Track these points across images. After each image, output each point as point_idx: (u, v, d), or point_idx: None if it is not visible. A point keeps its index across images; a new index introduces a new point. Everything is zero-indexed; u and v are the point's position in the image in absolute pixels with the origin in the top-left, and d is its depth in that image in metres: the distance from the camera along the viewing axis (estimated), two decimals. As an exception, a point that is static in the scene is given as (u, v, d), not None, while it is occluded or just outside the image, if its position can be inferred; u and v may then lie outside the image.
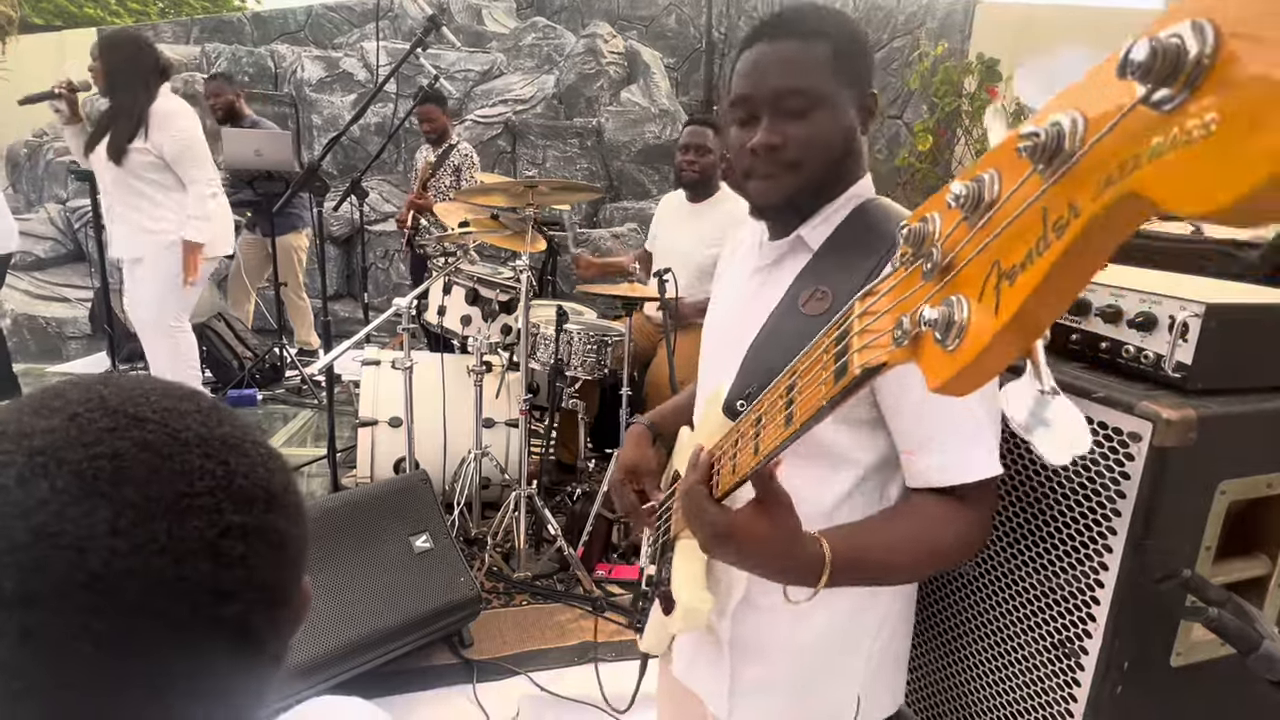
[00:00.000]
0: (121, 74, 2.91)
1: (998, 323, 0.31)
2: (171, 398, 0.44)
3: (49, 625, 0.36)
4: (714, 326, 1.05)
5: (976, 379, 0.34)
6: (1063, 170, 0.29)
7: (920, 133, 4.84)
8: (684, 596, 0.88)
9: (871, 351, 0.42)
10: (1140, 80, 0.25)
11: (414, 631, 2.03)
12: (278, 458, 0.47)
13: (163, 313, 3.19)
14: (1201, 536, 0.87)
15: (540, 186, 2.47)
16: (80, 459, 0.38)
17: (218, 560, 0.40)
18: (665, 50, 7.20)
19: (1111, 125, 0.27)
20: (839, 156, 0.89)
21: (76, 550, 0.37)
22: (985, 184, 0.33)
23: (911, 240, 0.38)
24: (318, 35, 8.03)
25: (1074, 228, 0.28)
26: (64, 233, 6.14)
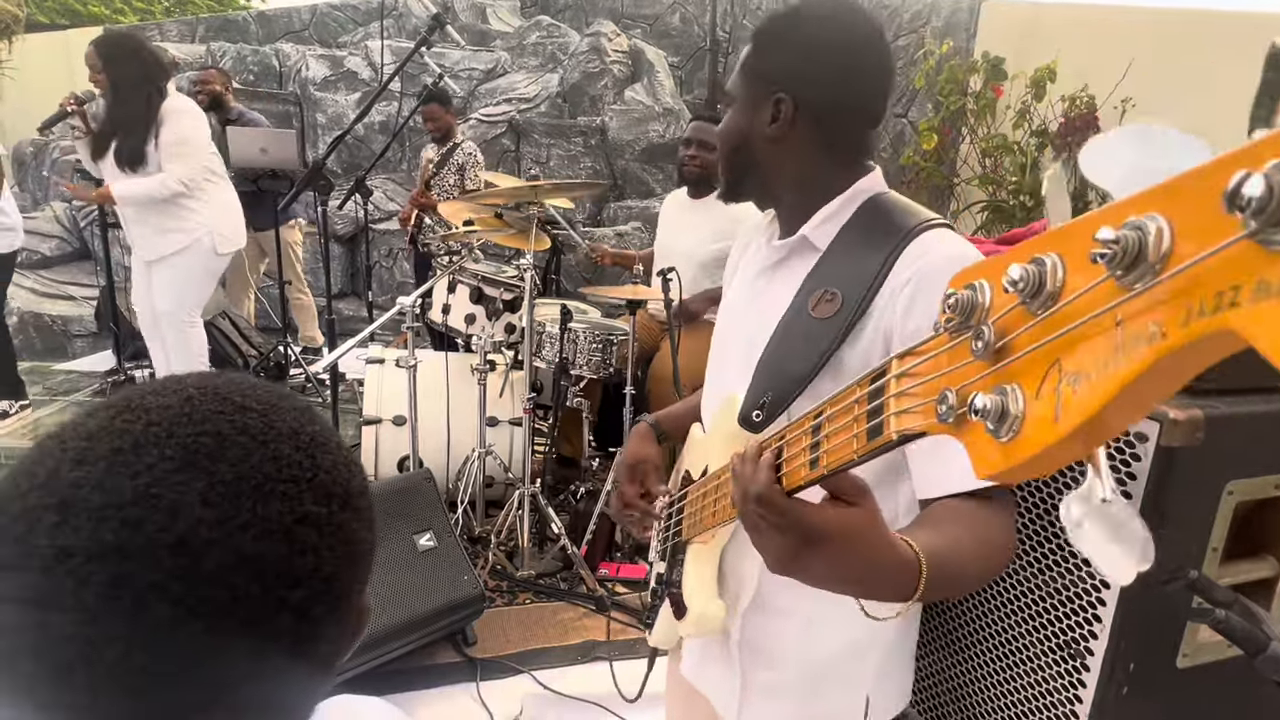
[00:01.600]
0: (128, 80, 2.88)
1: (1060, 429, 0.30)
2: (274, 394, 0.49)
3: (135, 578, 0.39)
4: (724, 328, 1.05)
5: (1028, 474, 0.32)
6: (1145, 285, 0.27)
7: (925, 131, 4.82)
8: (696, 603, 0.87)
9: (912, 418, 0.41)
10: (1252, 218, 0.23)
11: (418, 630, 2.03)
12: (358, 465, 0.51)
13: (181, 306, 3.22)
14: (1208, 537, 0.87)
15: (544, 186, 2.47)
16: (188, 434, 0.43)
17: (291, 545, 0.44)
18: (669, 49, 7.20)
19: (1209, 253, 0.25)
20: (739, 152, 0.94)
21: (169, 513, 0.40)
22: (1048, 271, 0.31)
23: (959, 309, 0.36)
24: (322, 34, 8.04)
25: (1154, 351, 0.26)
26: (70, 231, 6.16)
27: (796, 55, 0.88)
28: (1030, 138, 4.31)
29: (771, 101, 0.88)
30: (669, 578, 0.98)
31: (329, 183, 2.97)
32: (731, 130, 0.94)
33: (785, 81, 0.87)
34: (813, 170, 0.90)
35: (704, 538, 0.89)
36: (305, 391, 4.31)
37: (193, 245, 3.12)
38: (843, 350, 0.81)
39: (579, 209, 5.81)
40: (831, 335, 0.81)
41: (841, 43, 0.87)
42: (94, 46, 2.91)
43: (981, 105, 4.64)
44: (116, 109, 2.92)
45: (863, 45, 0.88)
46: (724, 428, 0.89)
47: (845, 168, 0.90)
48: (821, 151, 0.90)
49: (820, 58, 0.87)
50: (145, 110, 2.89)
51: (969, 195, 4.88)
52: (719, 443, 0.89)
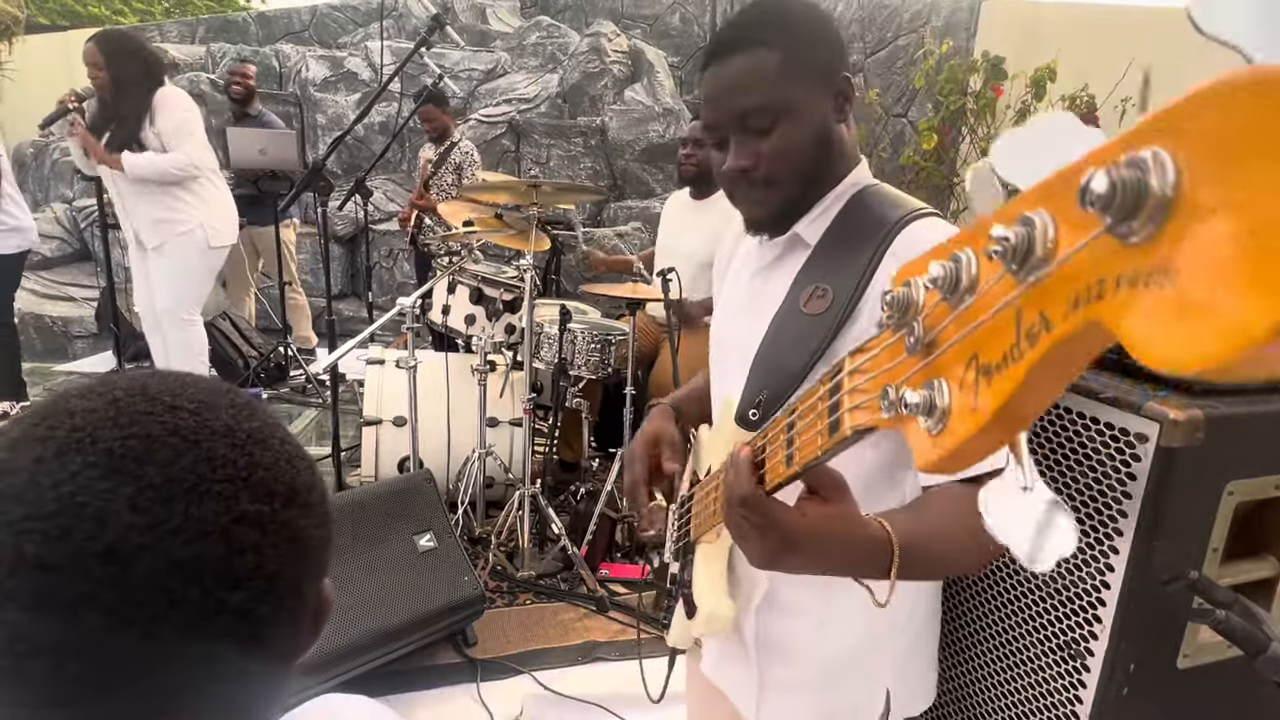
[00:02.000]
0: (131, 78, 2.93)
1: (978, 420, 0.31)
2: (208, 391, 0.46)
3: (62, 591, 0.38)
4: (720, 331, 1.05)
5: (960, 465, 0.33)
6: (1032, 280, 0.28)
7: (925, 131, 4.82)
8: (706, 602, 0.87)
9: (862, 413, 0.42)
10: (1102, 212, 0.24)
11: (418, 630, 2.03)
12: (306, 459, 0.49)
13: (180, 303, 3.25)
14: (1209, 538, 0.87)
15: (544, 186, 2.47)
16: (114, 438, 0.41)
17: (229, 545, 0.42)
18: (669, 49, 7.20)
19: (1075, 249, 0.26)
20: (815, 159, 0.86)
21: (96, 522, 0.39)
22: (962, 266, 0.32)
23: (895, 306, 0.37)
24: (322, 35, 8.04)
25: (1044, 341, 0.27)
26: (70, 232, 6.16)
27: (823, 42, 0.87)
28: (1030, 137, 4.30)
29: (833, 88, 0.86)
30: (681, 577, 0.98)
31: (329, 184, 2.97)
32: (807, 142, 0.85)
33: (836, 62, 0.86)
34: (840, 150, 0.89)
35: (710, 537, 0.89)
36: (305, 392, 4.31)
37: (185, 236, 3.14)
38: (835, 346, 0.81)
39: (579, 209, 5.81)
40: (823, 332, 0.81)
41: (822, 12, 0.89)
42: (95, 44, 2.92)
43: (981, 105, 4.64)
44: (118, 105, 2.95)
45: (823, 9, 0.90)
46: (724, 427, 0.89)
47: (848, 155, 0.90)
48: (845, 127, 0.90)
49: (832, 30, 0.88)
50: (141, 104, 2.96)
51: (969, 195, 4.87)
52: (721, 442, 0.89)
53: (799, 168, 0.85)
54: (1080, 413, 0.89)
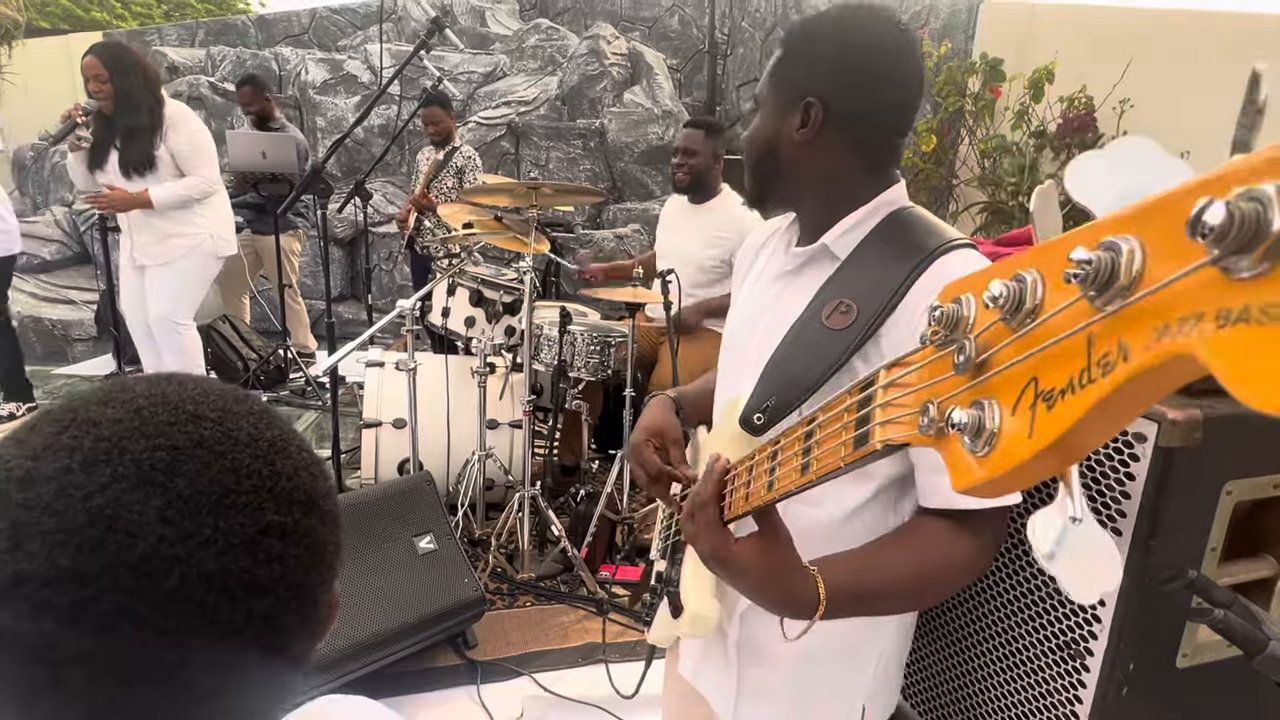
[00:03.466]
0: (136, 89, 2.94)
1: (1033, 446, 0.30)
2: (228, 399, 0.47)
3: (96, 603, 0.38)
4: (735, 330, 1.04)
5: (1003, 490, 0.33)
6: (1115, 308, 0.27)
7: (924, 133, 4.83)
8: (692, 604, 0.87)
9: (896, 428, 0.41)
10: (1214, 245, 0.23)
11: (418, 633, 2.03)
12: (320, 465, 0.50)
13: (177, 309, 3.26)
14: (1207, 537, 0.87)
15: (543, 188, 2.47)
16: (141, 449, 0.41)
17: (256, 556, 0.43)
18: (668, 51, 7.20)
19: (1173, 279, 0.25)
20: (761, 159, 0.93)
21: (128, 534, 0.39)
22: (1028, 287, 0.31)
23: (944, 322, 0.36)
24: (321, 38, 8.05)
25: (1122, 372, 0.26)
26: (70, 235, 6.17)
27: (827, 60, 0.87)
28: (1029, 139, 4.31)
29: (801, 106, 0.87)
30: (668, 576, 0.98)
31: (328, 186, 2.98)
32: (759, 135, 0.93)
33: (815, 86, 0.87)
34: (838, 177, 0.90)
35: None
36: (305, 395, 4.31)
37: (195, 249, 3.18)
38: (853, 362, 0.80)
39: (578, 211, 5.82)
40: (843, 346, 0.80)
41: (872, 49, 0.87)
42: (95, 56, 2.91)
43: (980, 106, 4.65)
44: (124, 118, 2.95)
45: (894, 53, 0.87)
46: (727, 428, 0.89)
47: (871, 177, 0.90)
48: (848, 158, 0.89)
49: (851, 64, 0.87)
50: (150, 118, 2.96)
51: (968, 196, 4.88)
52: (722, 443, 0.89)
53: (748, 157, 0.95)
54: (1079, 413, 0.89)
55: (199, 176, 3.09)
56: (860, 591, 0.75)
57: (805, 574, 0.72)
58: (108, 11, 10.94)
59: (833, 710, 0.93)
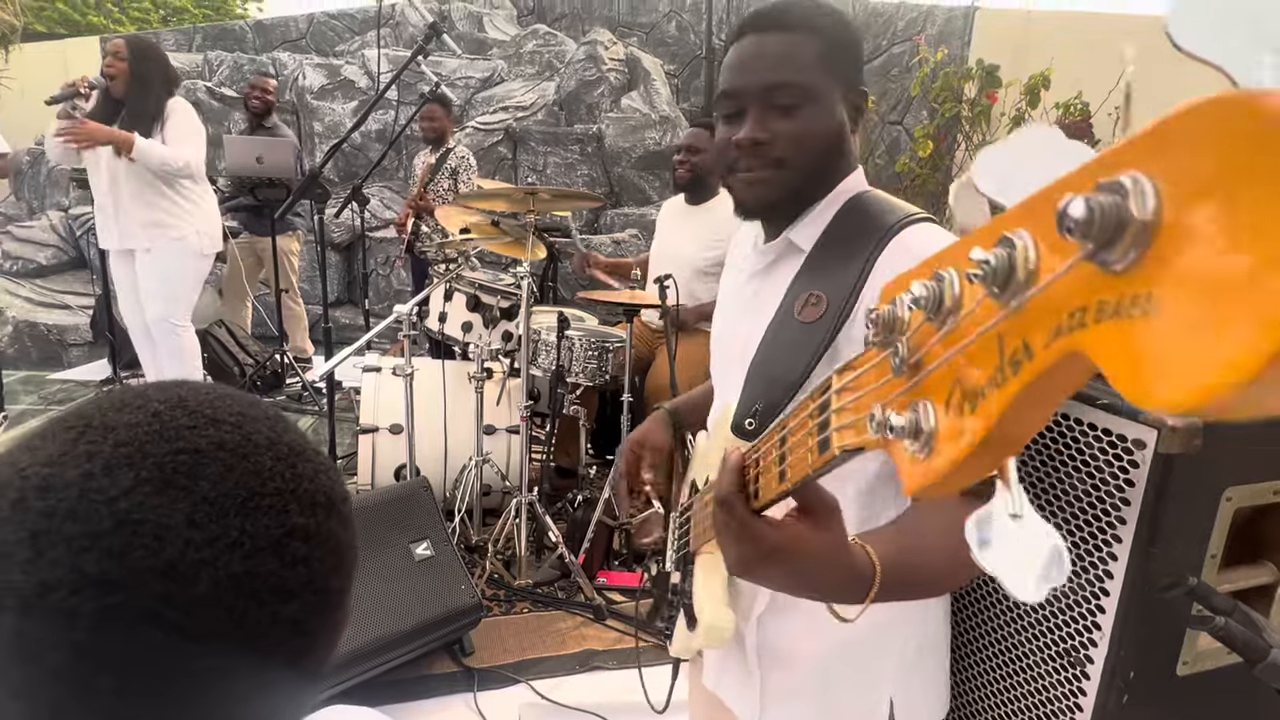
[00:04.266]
0: (151, 79, 3.05)
1: (965, 445, 0.30)
2: (243, 404, 0.47)
3: (124, 608, 0.38)
4: (719, 335, 1.04)
5: (950, 489, 0.32)
6: (1014, 305, 0.27)
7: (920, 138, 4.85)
8: (706, 615, 0.87)
9: (851, 433, 0.41)
10: (1081, 239, 0.23)
11: (415, 639, 2.02)
12: (336, 469, 0.50)
13: (173, 311, 3.27)
14: (1207, 544, 0.86)
15: (541, 193, 2.47)
16: (163, 453, 0.41)
17: (283, 559, 0.42)
18: (666, 57, 7.22)
19: (1055, 275, 0.25)
20: (827, 155, 0.87)
21: (155, 538, 0.38)
22: (945, 286, 0.31)
23: (881, 325, 0.36)
24: (319, 43, 8.06)
25: (1028, 370, 0.26)
26: (66, 240, 6.15)
27: (856, 49, 0.89)
28: (1025, 144, 4.33)
29: (853, 97, 0.88)
30: (681, 588, 0.98)
31: (325, 191, 2.98)
32: (824, 130, 0.85)
33: (858, 76, 0.89)
34: (838, 168, 0.90)
35: (710, 547, 0.89)
36: (301, 400, 4.30)
37: (180, 244, 3.19)
38: (830, 354, 0.80)
39: (576, 216, 5.82)
40: (818, 339, 0.80)
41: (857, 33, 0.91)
42: (124, 41, 3.08)
43: (976, 112, 4.67)
44: (136, 102, 3.05)
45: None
46: (721, 436, 0.89)
47: (849, 165, 0.91)
48: (851, 146, 0.91)
49: (859, 49, 0.90)
50: (155, 107, 3.07)
51: (965, 202, 4.89)
52: (718, 451, 0.89)
53: (809, 156, 0.85)
54: (1077, 419, 0.89)
55: (183, 150, 3.12)
56: (906, 566, 0.68)
57: (856, 548, 0.65)
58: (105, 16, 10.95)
59: (858, 704, 0.91)
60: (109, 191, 3.12)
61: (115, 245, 3.22)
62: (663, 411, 1.15)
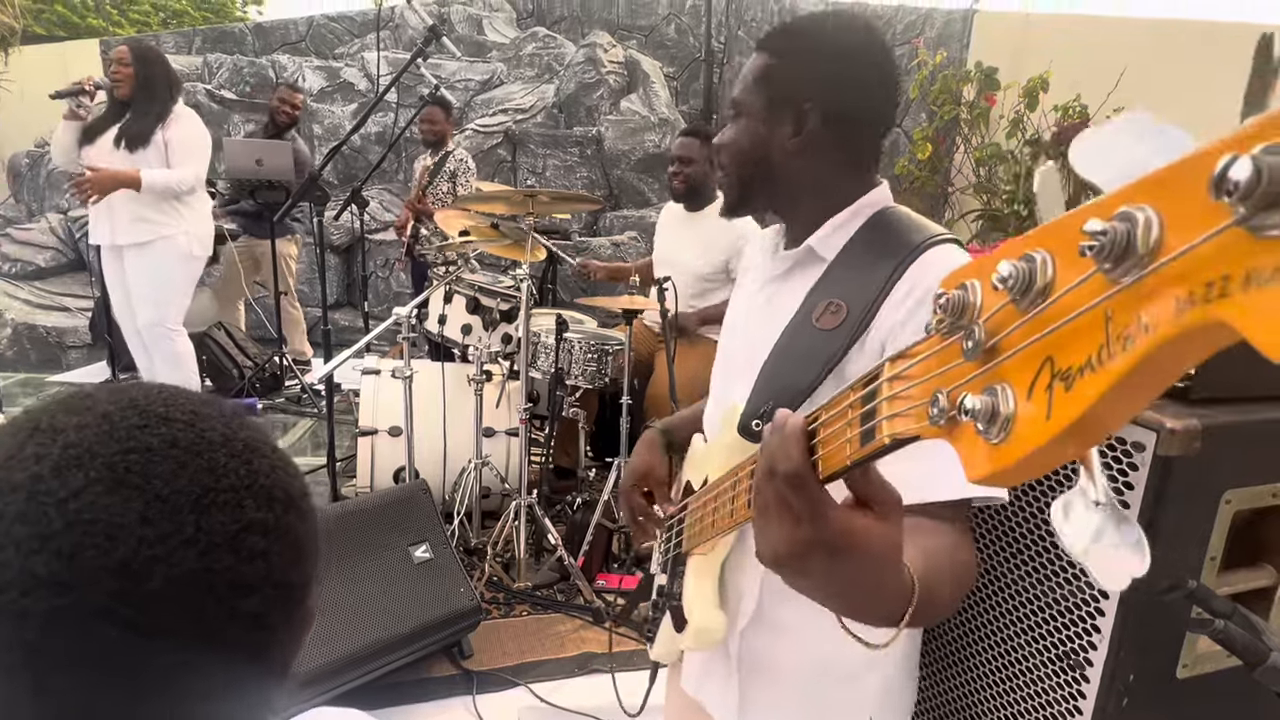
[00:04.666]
0: (154, 81, 3.11)
1: (1051, 428, 0.29)
2: (195, 402, 0.47)
3: (77, 608, 0.38)
4: (729, 338, 1.04)
5: (1021, 477, 0.31)
6: (1133, 279, 0.26)
7: (919, 141, 4.85)
8: (696, 616, 0.86)
9: (903, 421, 0.40)
10: (1239, 203, 0.22)
11: (413, 642, 2.02)
12: (293, 465, 0.50)
13: (165, 315, 3.27)
14: (1206, 547, 0.86)
15: (540, 196, 2.48)
16: (113, 453, 0.41)
17: (239, 554, 0.42)
18: (665, 59, 7.23)
19: (1197, 242, 0.24)
20: (748, 166, 0.93)
21: (107, 537, 0.39)
22: (1037, 267, 0.30)
23: (949, 309, 0.35)
24: (319, 45, 8.07)
25: (1144, 344, 0.25)
26: (65, 242, 6.15)
27: (820, 64, 0.88)
28: (1024, 147, 4.33)
29: (795, 112, 0.88)
30: (669, 590, 0.97)
31: (325, 193, 2.98)
32: (747, 143, 0.92)
33: (810, 91, 0.87)
34: (830, 180, 0.91)
35: (704, 549, 0.89)
36: (300, 403, 4.30)
37: (170, 244, 3.20)
38: (846, 362, 0.81)
39: (575, 219, 5.82)
40: (835, 346, 0.81)
41: (858, 50, 0.89)
42: (128, 47, 3.14)
43: (975, 115, 4.67)
44: (142, 105, 3.10)
45: (877, 52, 0.89)
46: (724, 438, 0.89)
47: (858, 178, 0.91)
48: (838, 160, 0.90)
49: (838, 66, 0.88)
50: (160, 109, 3.12)
51: (964, 204, 4.90)
52: (719, 453, 0.89)
53: (734, 165, 0.94)
54: (1077, 422, 0.89)
55: (188, 170, 3.16)
56: (928, 587, 0.59)
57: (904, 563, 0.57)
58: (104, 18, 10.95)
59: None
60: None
61: (107, 240, 3.22)
62: (654, 432, 1.15)
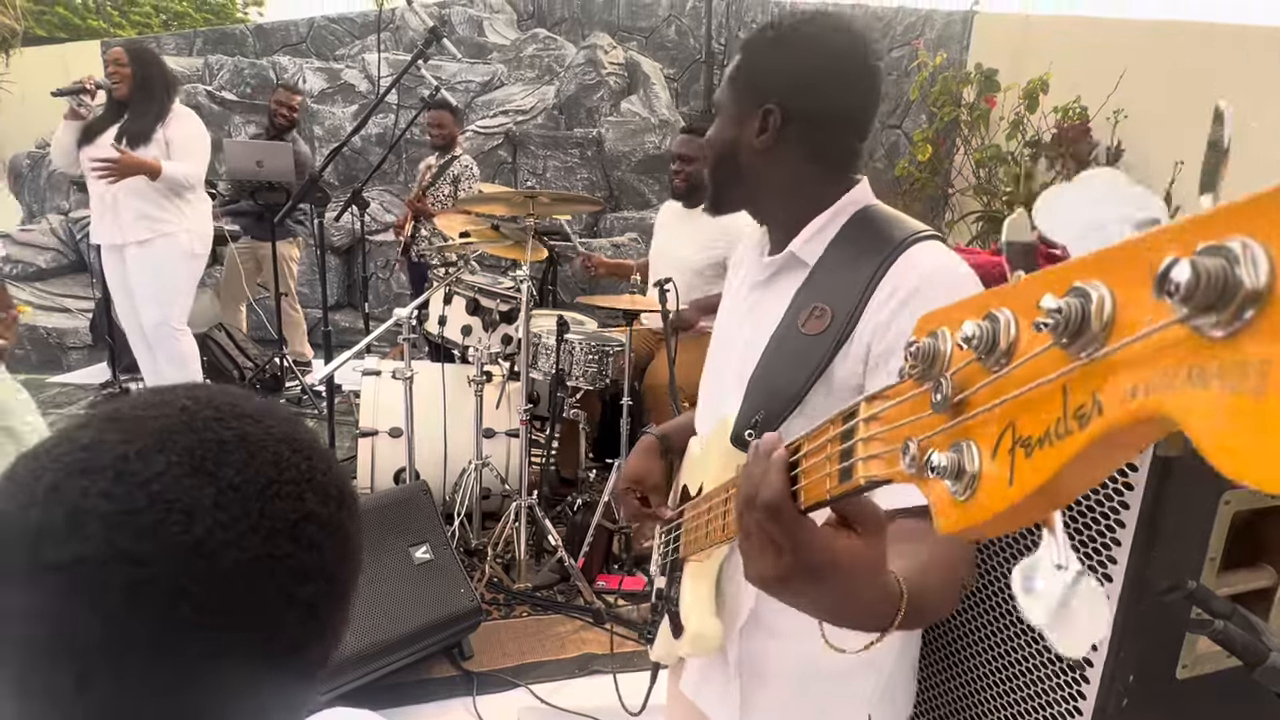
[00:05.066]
0: (152, 81, 3.15)
1: (1013, 494, 0.29)
2: (262, 404, 0.51)
3: (155, 582, 0.40)
4: (717, 344, 1.05)
5: (989, 533, 0.32)
6: (1084, 357, 0.26)
7: (919, 142, 4.86)
8: (693, 622, 0.86)
9: (878, 465, 0.40)
10: (1182, 304, 0.22)
11: (414, 643, 2.02)
12: (344, 469, 0.54)
13: (169, 314, 3.29)
14: (1206, 547, 0.86)
15: (540, 197, 2.48)
16: (191, 442, 0.44)
17: (298, 543, 0.46)
18: (665, 61, 7.24)
19: (1144, 334, 0.24)
20: (720, 163, 0.95)
21: (186, 516, 0.41)
22: (1000, 328, 0.30)
23: (920, 358, 0.35)
24: (319, 47, 8.07)
25: (1097, 426, 0.25)
26: (65, 243, 6.15)
27: (785, 66, 0.88)
28: (1024, 148, 4.34)
29: (760, 112, 0.88)
30: (668, 594, 0.98)
31: (325, 195, 2.98)
32: (718, 141, 0.95)
33: (773, 92, 0.88)
34: (800, 182, 0.90)
35: (700, 556, 0.89)
36: (300, 404, 4.30)
37: (169, 239, 3.22)
38: (834, 366, 0.80)
39: (576, 220, 5.82)
40: (822, 351, 0.81)
41: (829, 53, 0.87)
42: (124, 48, 3.18)
43: (975, 116, 4.67)
44: (140, 104, 3.14)
45: (850, 56, 0.87)
46: (717, 447, 0.89)
47: (833, 180, 0.90)
48: (809, 163, 0.90)
49: (807, 69, 0.87)
50: (159, 108, 3.17)
51: (964, 205, 4.90)
52: (713, 462, 0.89)
53: (710, 162, 0.96)
54: (1077, 423, 0.89)
55: (191, 166, 3.20)
56: (918, 594, 0.61)
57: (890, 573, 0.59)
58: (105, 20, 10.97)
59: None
60: (108, 188, 3.16)
61: (109, 239, 3.24)
62: (651, 438, 1.15)
